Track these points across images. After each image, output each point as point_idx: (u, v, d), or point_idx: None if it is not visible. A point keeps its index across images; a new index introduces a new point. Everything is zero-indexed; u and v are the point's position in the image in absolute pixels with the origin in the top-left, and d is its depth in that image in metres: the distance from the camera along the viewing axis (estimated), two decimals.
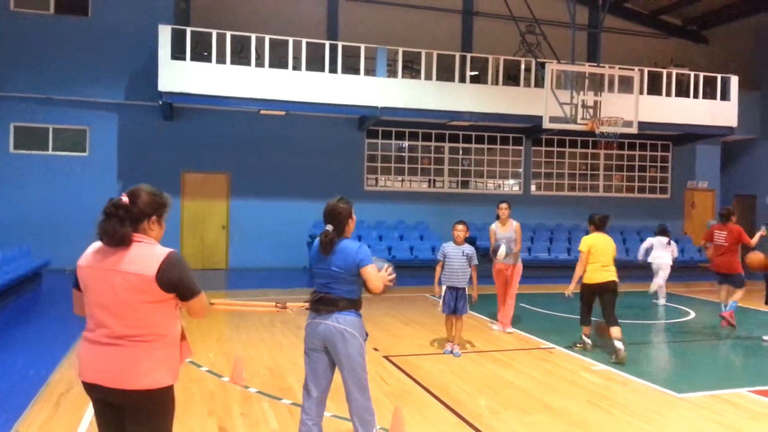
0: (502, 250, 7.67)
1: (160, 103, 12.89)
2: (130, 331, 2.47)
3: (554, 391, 5.61)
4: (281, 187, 14.84)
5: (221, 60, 12.85)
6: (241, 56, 13.32)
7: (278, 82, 13.16)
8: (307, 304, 3.81)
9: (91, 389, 2.55)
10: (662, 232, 10.84)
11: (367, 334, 3.79)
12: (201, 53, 13.23)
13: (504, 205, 8.12)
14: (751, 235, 8.70)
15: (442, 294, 6.81)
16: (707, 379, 6.39)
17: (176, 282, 2.50)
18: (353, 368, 3.70)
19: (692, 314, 9.59)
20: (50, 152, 13.75)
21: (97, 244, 2.58)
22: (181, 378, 5.78)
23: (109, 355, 2.48)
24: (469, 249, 6.85)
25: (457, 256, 6.79)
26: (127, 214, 2.52)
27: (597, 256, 6.88)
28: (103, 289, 2.48)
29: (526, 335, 7.95)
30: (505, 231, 8.04)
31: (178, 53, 12.67)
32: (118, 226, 2.49)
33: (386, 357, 6.63)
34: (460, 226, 6.89)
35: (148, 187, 2.67)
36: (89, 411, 4.79)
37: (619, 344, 6.60)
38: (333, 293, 3.68)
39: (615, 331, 6.69)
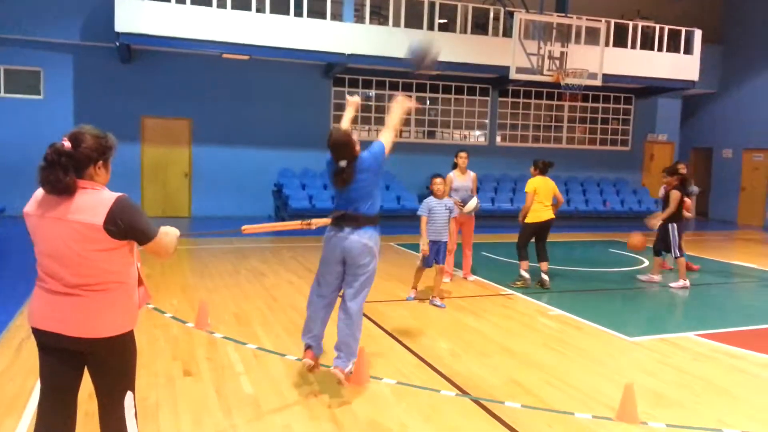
0: (473, 204, 7.61)
1: (117, 44, 12.38)
2: (85, 280, 2.40)
3: (513, 335, 5.83)
4: (246, 134, 14.59)
5: (181, 0, 12.35)
6: None
7: (241, 25, 12.75)
8: (329, 220, 4.04)
9: (46, 336, 2.46)
10: None
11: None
12: None
13: (464, 154, 8.17)
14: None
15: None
16: (656, 323, 6.72)
17: (126, 228, 2.38)
18: (362, 282, 4.26)
19: (645, 262, 9.96)
20: (2, 94, 13.18)
21: (41, 192, 2.44)
22: (145, 324, 5.83)
23: (66, 304, 2.41)
24: (449, 202, 6.95)
25: (440, 210, 6.83)
26: (70, 161, 2.37)
27: (541, 197, 7.63)
28: (52, 239, 2.38)
29: (487, 282, 8.16)
30: (464, 180, 8.08)
31: None
32: (62, 175, 2.34)
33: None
34: (438, 180, 6.92)
35: (92, 128, 2.51)
36: None
37: (545, 276, 7.71)
38: (356, 211, 4.03)
39: (545, 265, 7.77)
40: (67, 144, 2.41)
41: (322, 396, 4.16)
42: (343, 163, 3.81)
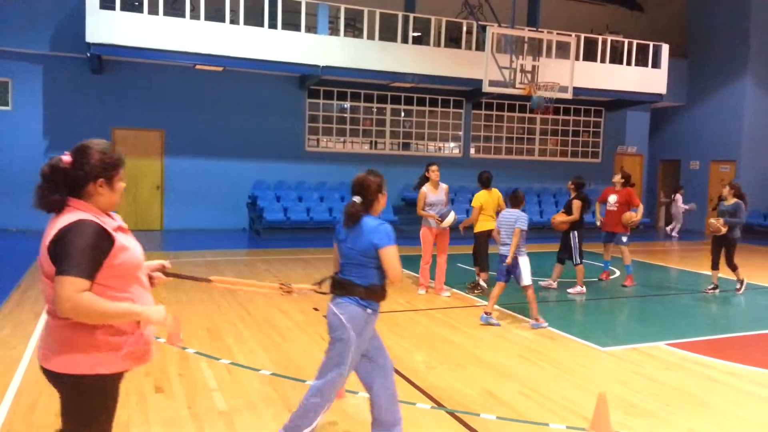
0: (451, 218, 7.63)
1: (88, 55, 12.21)
2: (51, 305, 2.23)
3: (487, 346, 5.85)
4: (219, 146, 14.47)
5: (153, 11, 12.24)
6: (174, 7, 12.73)
7: (214, 36, 12.68)
8: (314, 287, 3.49)
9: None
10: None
11: (361, 332, 3.38)
12: (132, 2, 12.57)
13: (435, 168, 7.98)
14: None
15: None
16: (628, 333, 6.81)
17: (58, 254, 2.14)
18: (330, 357, 3.42)
19: (617, 273, 10.10)
20: None
21: None
22: None
23: (45, 327, 2.33)
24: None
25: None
26: (64, 179, 2.24)
27: (486, 209, 8.19)
28: (39, 258, 2.29)
29: (461, 293, 8.18)
30: (438, 194, 7.92)
31: (107, 2, 11.99)
32: (48, 192, 2.23)
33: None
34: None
35: (100, 143, 2.33)
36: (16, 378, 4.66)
37: (483, 284, 8.25)
38: (344, 276, 3.40)
39: (485, 275, 8.34)
40: (67, 159, 2.28)
41: None
42: (357, 198, 3.41)
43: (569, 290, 8.45)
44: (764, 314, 7.65)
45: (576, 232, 8.38)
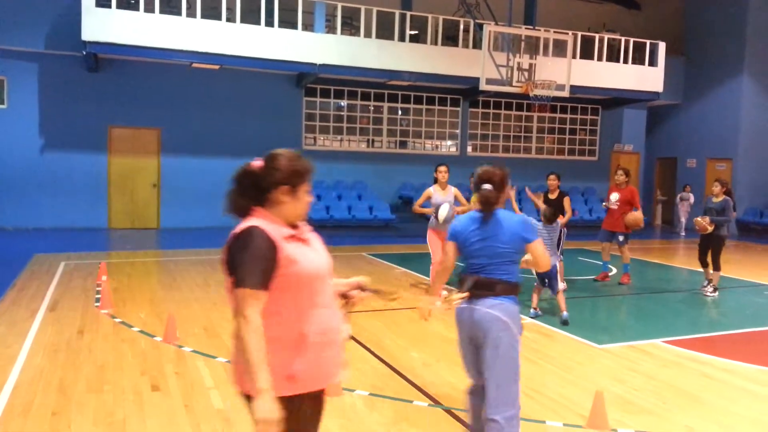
0: (445, 210, 7.16)
1: (84, 53, 12.17)
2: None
3: None
4: (216, 144, 14.44)
5: (149, 9, 12.21)
6: (171, 5, 12.70)
7: (211, 34, 12.65)
8: (466, 294, 3.26)
9: None
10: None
11: (521, 329, 3.29)
12: (128, 0, 12.53)
13: (443, 168, 7.67)
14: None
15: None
16: (625, 331, 6.82)
17: (231, 263, 2.09)
18: (505, 362, 3.19)
19: (614, 270, 10.12)
20: None
21: None
22: (111, 338, 5.70)
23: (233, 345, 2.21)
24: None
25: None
26: (252, 183, 2.20)
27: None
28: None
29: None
30: (444, 195, 7.60)
31: (103, 0, 11.96)
32: (236, 196, 2.20)
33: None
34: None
35: (289, 151, 2.28)
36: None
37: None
38: (489, 275, 3.21)
39: None
40: (258, 164, 2.24)
41: None
42: (488, 186, 3.24)
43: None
44: (760, 312, 7.67)
45: (564, 229, 8.34)
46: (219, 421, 3.91)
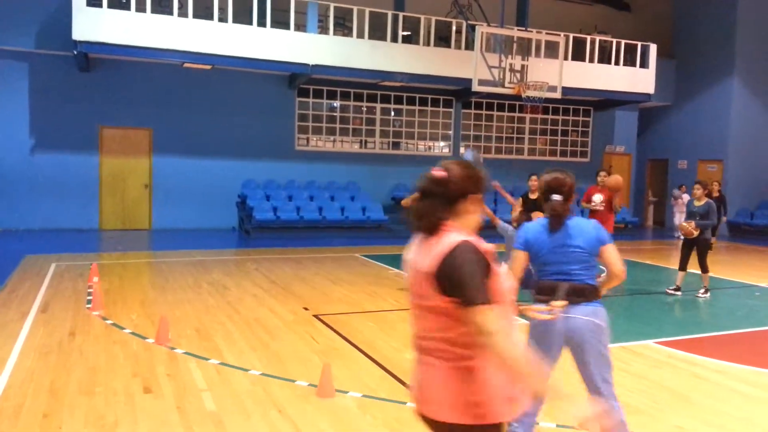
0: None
1: (75, 52, 12.10)
2: (426, 343, 2.03)
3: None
4: (208, 145, 14.39)
5: (141, 8, 12.15)
6: (162, 5, 12.65)
7: (203, 34, 12.61)
8: (566, 302, 3.21)
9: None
10: None
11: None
12: (119, 0, 12.46)
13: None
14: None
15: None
16: (617, 332, 6.83)
17: (451, 278, 1.91)
18: (607, 362, 3.26)
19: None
20: None
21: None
22: (103, 340, 5.67)
23: (416, 366, 2.11)
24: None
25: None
26: (445, 192, 2.03)
27: None
28: (412, 286, 2.08)
29: None
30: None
31: None
32: (429, 210, 2.01)
33: (316, 316, 6.69)
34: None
35: (463, 160, 2.17)
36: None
37: None
38: (579, 281, 3.22)
39: None
40: (441, 173, 2.05)
41: (287, 412, 4.10)
42: (557, 197, 3.25)
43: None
44: (750, 313, 7.73)
45: None
46: (211, 424, 3.89)
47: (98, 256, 10.54)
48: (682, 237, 8.48)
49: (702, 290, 8.45)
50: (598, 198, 8.96)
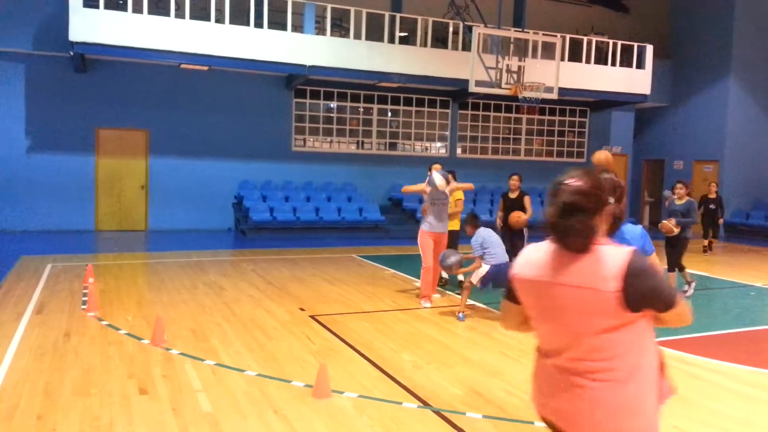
0: (438, 178, 7.23)
1: (71, 54, 12.07)
2: (580, 365, 1.89)
3: (474, 345, 5.86)
4: (205, 146, 14.38)
5: (138, 9, 12.14)
6: (159, 6, 12.63)
7: (200, 35, 12.60)
8: None
9: (547, 423, 2.05)
10: None
11: None
12: (116, 1, 12.45)
13: (438, 167, 7.84)
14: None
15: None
16: None
17: (643, 293, 1.83)
18: None
19: None
20: None
21: (541, 246, 1.98)
22: (98, 341, 5.65)
23: (560, 388, 1.95)
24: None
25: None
26: (597, 206, 1.88)
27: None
28: (551, 307, 1.92)
29: (448, 293, 8.19)
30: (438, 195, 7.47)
31: (90, 0, 11.86)
32: (587, 223, 1.85)
33: (312, 316, 6.68)
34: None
35: (586, 169, 2.00)
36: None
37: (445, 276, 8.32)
38: None
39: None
40: (580, 183, 1.90)
41: (283, 413, 4.10)
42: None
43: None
44: (746, 312, 7.74)
45: (526, 228, 8.41)
46: (207, 425, 3.88)
47: (94, 257, 10.52)
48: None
49: (686, 286, 8.44)
50: None
